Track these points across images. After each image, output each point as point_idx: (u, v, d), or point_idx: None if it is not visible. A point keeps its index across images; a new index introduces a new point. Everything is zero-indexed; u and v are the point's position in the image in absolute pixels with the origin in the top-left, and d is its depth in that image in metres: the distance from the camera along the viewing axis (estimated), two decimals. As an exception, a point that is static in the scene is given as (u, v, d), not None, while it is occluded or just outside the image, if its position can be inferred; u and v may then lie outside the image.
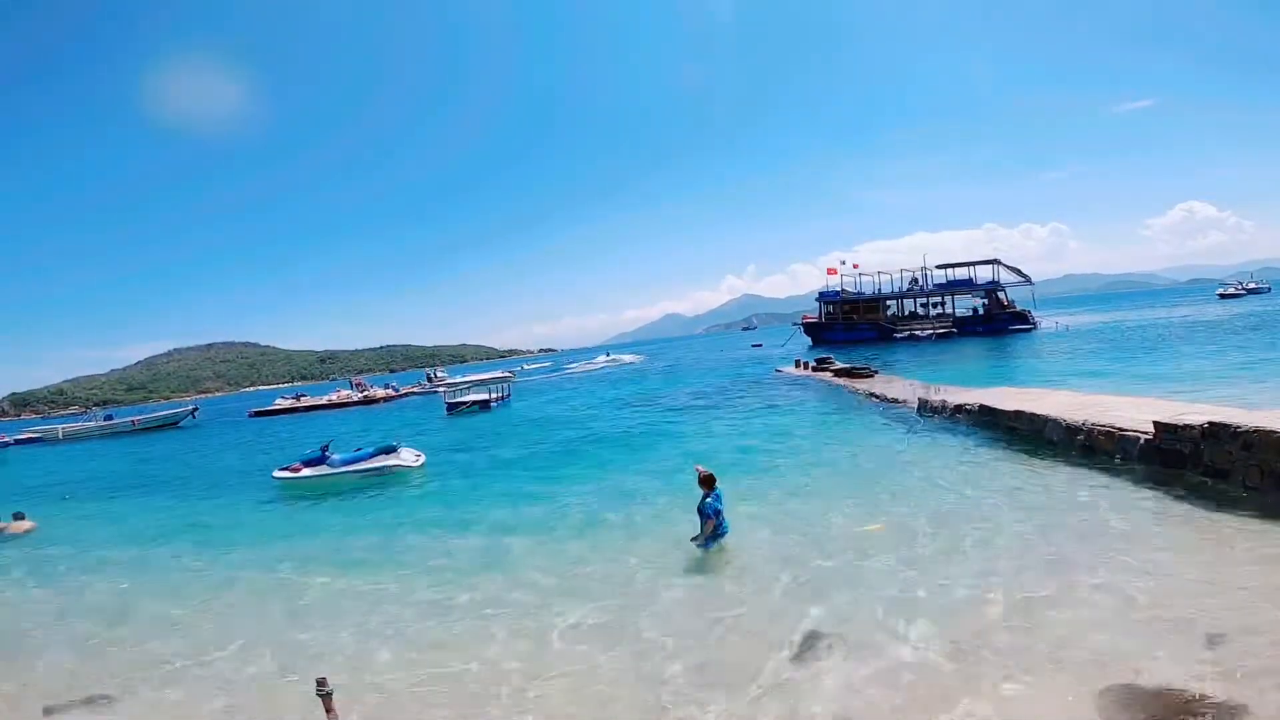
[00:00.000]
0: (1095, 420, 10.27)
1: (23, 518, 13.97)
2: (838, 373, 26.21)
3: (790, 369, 32.36)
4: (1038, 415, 11.56)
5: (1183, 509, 7.50)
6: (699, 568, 7.58)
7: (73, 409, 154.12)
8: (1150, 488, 8.33)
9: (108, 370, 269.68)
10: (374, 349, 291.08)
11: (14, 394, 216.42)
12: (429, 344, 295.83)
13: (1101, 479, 9.01)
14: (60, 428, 50.00)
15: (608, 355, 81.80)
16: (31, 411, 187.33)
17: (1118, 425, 9.83)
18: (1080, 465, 9.76)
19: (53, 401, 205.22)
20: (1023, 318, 51.18)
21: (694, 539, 7.95)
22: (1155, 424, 8.98)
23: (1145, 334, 36.50)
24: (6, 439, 49.44)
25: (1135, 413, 10.23)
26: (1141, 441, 9.21)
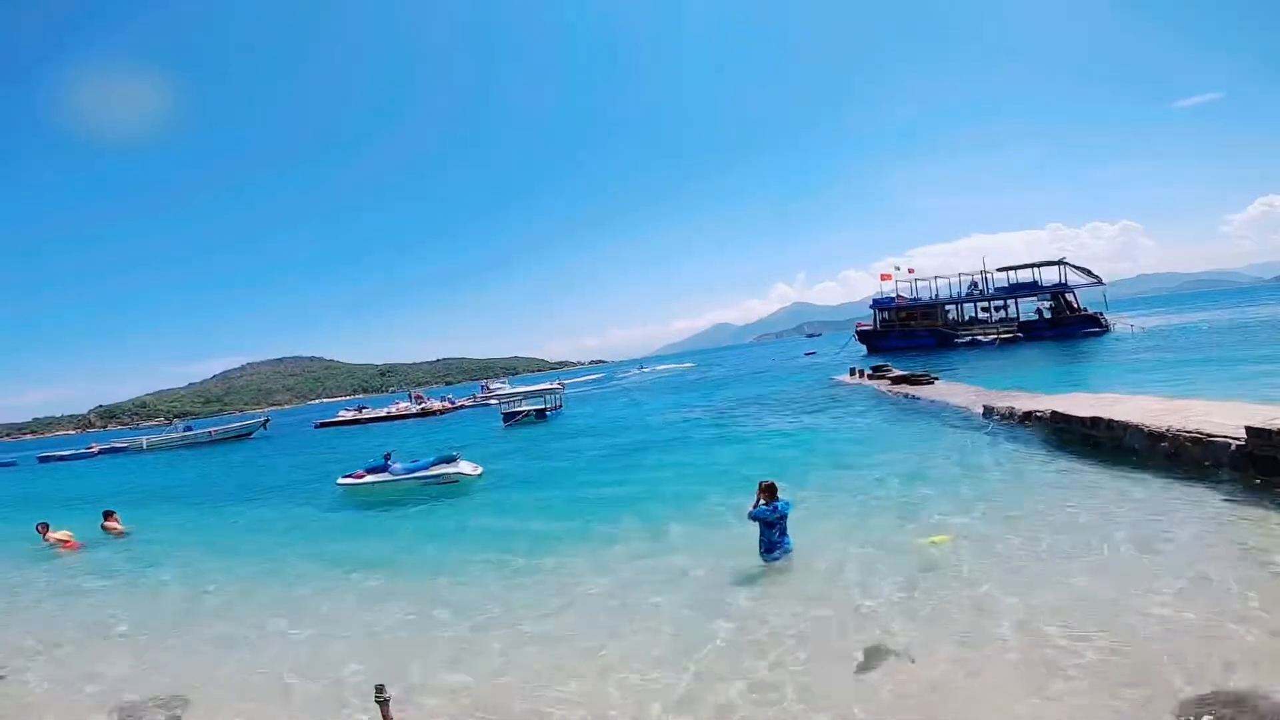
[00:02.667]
0: (1180, 426, 9.69)
1: (113, 516, 14.79)
2: (896, 380, 25.52)
3: (846, 377, 31.71)
4: (1116, 422, 10.98)
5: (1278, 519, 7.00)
6: (757, 579, 7.44)
7: (157, 420, 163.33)
8: (1244, 496, 7.80)
9: (186, 384, 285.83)
10: (431, 362, 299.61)
11: (101, 406, 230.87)
12: (482, 357, 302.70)
13: (1190, 488, 8.47)
14: (144, 439, 52.85)
15: (641, 368, 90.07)
16: (117, 423, 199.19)
17: (1205, 431, 9.25)
18: (1165, 474, 9.20)
19: (136, 413, 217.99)
20: (1094, 320, 48.70)
21: (764, 556, 7.81)
22: (1247, 429, 8.42)
23: (1230, 335, 34.31)
24: (95, 449, 52.76)
25: (1223, 417, 9.60)
26: (1232, 448, 8.64)
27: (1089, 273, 50.13)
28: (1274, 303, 64.85)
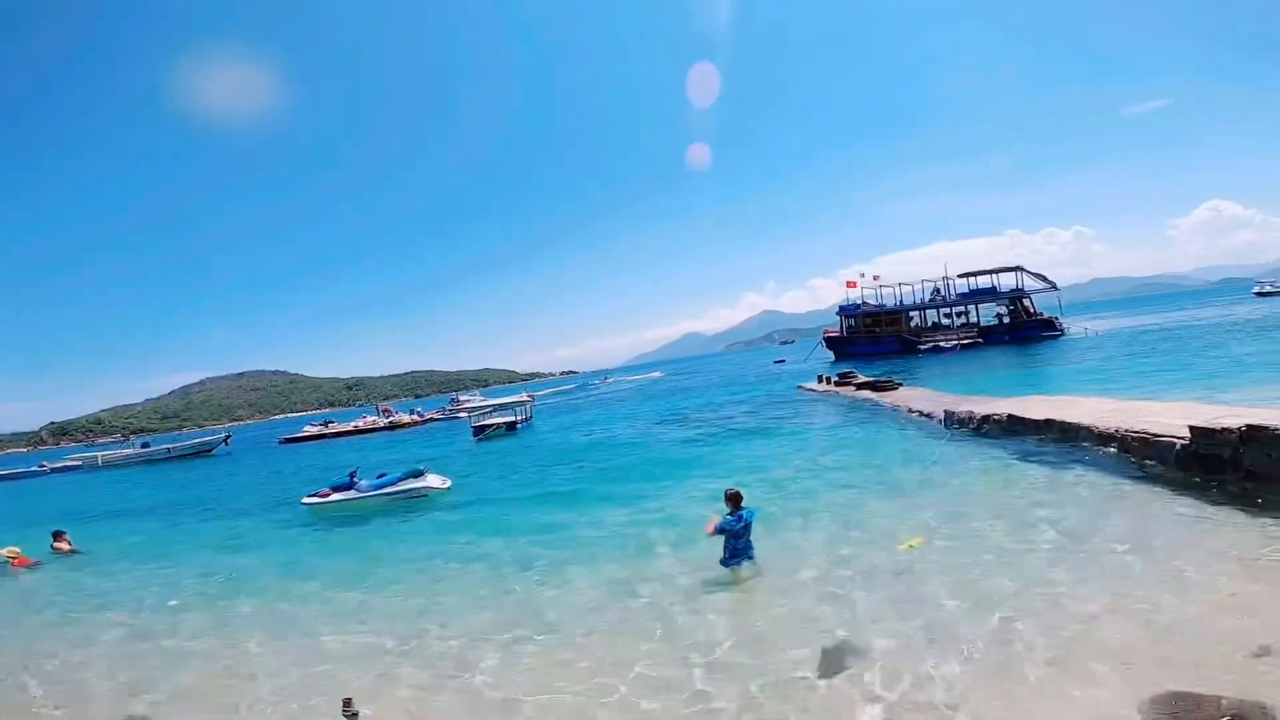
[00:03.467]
0: (1128, 426, 10.05)
1: (63, 536, 14.30)
2: (861, 386, 25.97)
3: (813, 385, 32.11)
4: (1068, 423, 11.35)
5: (1225, 516, 7.27)
6: (721, 587, 7.48)
7: (115, 437, 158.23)
8: (1189, 495, 8.10)
9: (143, 399, 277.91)
10: (399, 375, 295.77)
11: (53, 423, 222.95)
12: (452, 369, 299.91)
13: (1139, 487, 8.79)
14: (100, 455, 51.25)
15: (605, 379, 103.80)
16: (70, 440, 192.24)
17: (1152, 431, 9.60)
18: (1115, 473, 9.55)
19: (90, 430, 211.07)
20: (1049, 324, 50.35)
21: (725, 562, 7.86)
22: (1191, 428, 8.75)
23: (1179, 336, 35.64)
24: (46, 467, 50.93)
25: (1170, 418, 9.97)
26: (1177, 447, 8.97)
27: (1044, 278, 51.88)
28: (1220, 305, 67.45)
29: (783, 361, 72.67)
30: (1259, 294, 73.06)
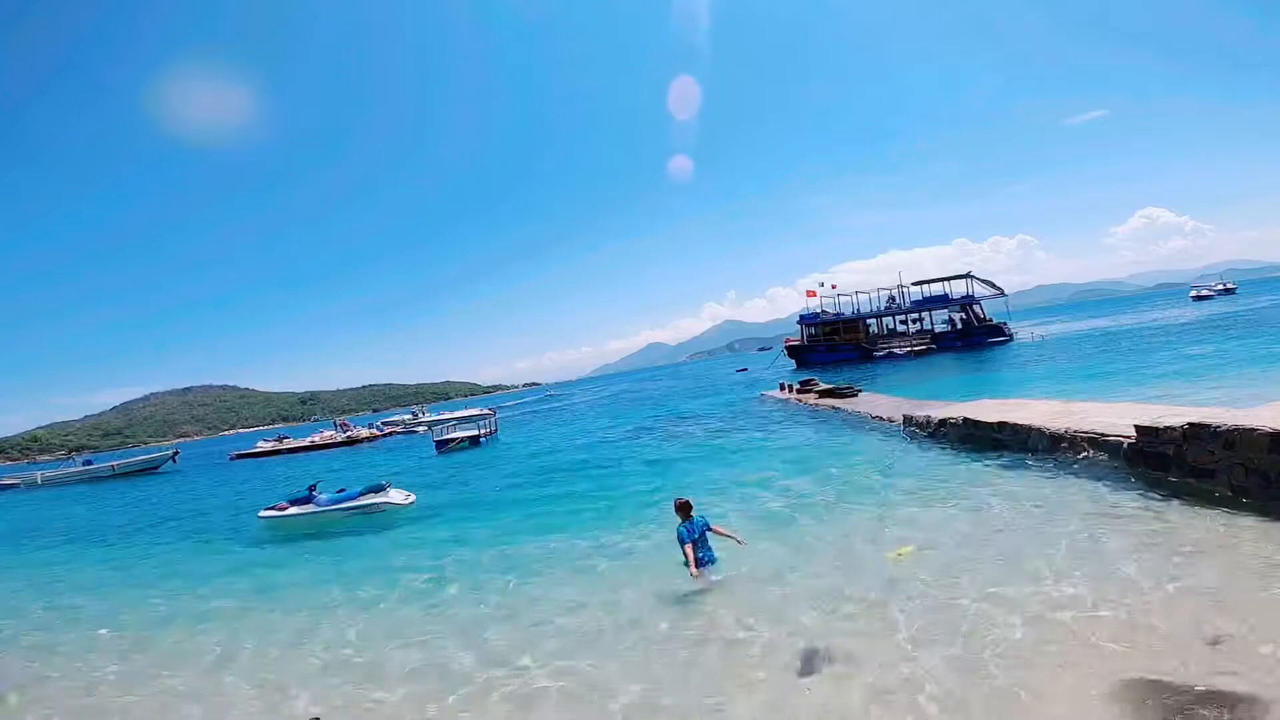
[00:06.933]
0: (1077, 427, 10.43)
1: None
2: (822, 394, 26.35)
3: (775, 393, 32.48)
4: (1021, 425, 11.71)
5: (1170, 511, 7.60)
6: (691, 595, 7.50)
7: (59, 454, 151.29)
8: (1136, 491, 8.43)
9: (82, 416, 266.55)
10: (356, 389, 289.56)
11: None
12: (412, 382, 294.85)
13: (1089, 485, 9.11)
14: (39, 474, 49.16)
15: (550, 392, 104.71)
16: (5, 459, 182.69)
17: (1100, 431, 9.99)
18: (1067, 472, 9.89)
19: (27, 448, 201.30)
20: (998, 330, 52.02)
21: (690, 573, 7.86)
22: (1136, 428, 9.12)
23: (1122, 339, 37.18)
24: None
25: (1116, 418, 10.40)
26: (1124, 446, 9.36)
27: (992, 285, 53.62)
28: (1159, 310, 70.64)
29: (745, 370, 73.34)
30: (1195, 298, 76.78)
